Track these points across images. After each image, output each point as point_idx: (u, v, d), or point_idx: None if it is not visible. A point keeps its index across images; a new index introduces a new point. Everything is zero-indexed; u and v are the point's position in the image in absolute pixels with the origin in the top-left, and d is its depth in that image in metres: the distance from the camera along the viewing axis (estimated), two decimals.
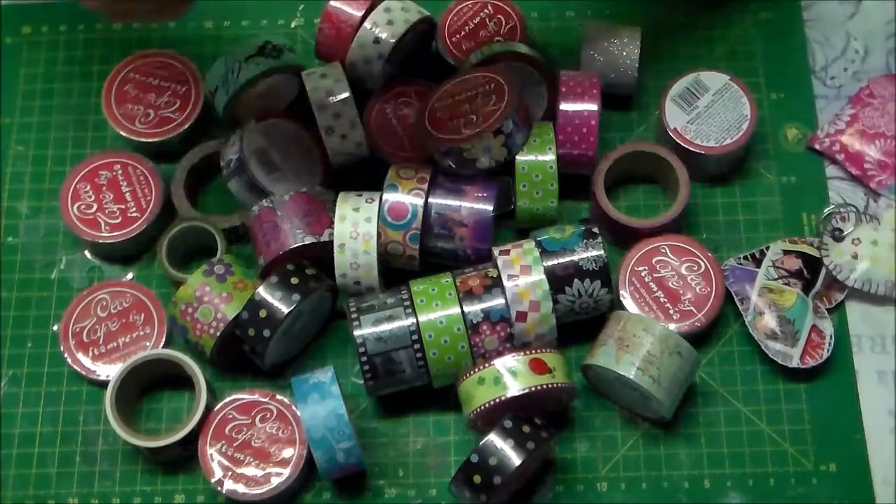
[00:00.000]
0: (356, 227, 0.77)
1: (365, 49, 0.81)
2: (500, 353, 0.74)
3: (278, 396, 0.77)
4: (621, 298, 0.79)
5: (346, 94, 0.79)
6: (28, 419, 0.80)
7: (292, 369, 0.80)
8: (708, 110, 0.82)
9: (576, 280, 0.76)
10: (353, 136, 0.80)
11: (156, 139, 0.86)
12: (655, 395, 0.74)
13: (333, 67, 0.81)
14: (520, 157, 0.79)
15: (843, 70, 0.89)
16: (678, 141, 0.82)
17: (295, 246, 0.77)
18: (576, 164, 0.82)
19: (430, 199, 0.78)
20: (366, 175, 0.83)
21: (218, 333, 0.76)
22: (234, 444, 0.75)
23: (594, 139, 0.81)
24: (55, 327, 0.82)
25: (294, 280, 0.76)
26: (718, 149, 0.81)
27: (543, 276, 0.75)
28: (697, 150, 0.81)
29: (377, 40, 0.81)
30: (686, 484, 0.77)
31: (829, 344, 0.78)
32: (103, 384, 0.78)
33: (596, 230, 0.77)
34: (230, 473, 0.75)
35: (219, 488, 0.74)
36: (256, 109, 0.84)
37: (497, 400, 0.73)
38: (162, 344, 0.80)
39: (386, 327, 0.75)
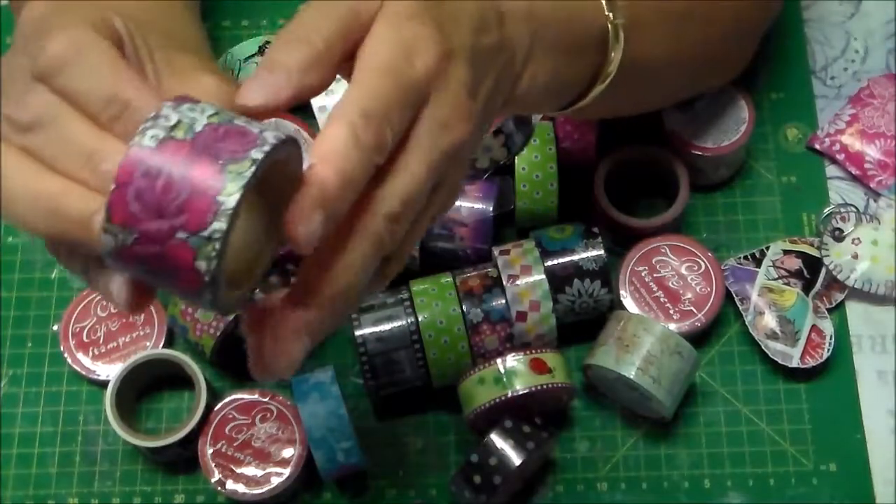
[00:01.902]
0: None
1: None
2: (500, 353, 0.74)
3: (278, 396, 0.77)
4: (621, 298, 0.79)
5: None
6: (28, 419, 0.80)
7: None
8: (706, 112, 0.82)
9: (576, 280, 0.76)
10: None
11: None
12: (655, 395, 0.74)
13: None
14: (520, 157, 0.79)
15: (843, 70, 0.89)
16: (676, 142, 0.82)
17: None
18: (576, 162, 0.82)
19: None
20: None
21: (218, 333, 0.76)
22: (234, 444, 0.75)
23: (593, 138, 0.81)
24: (55, 327, 0.82)
25: (294, 280, 0.76)
26: (715, 149, 0.81)
27: (543, 276, 0.75)
28: (695, 152, 0.81)
29: None
30: (686, 484, 0.77)
31: (829, 344, 0.78)
32: (103, 384, 0.78)
33: (596, 230, 0.77)
34: (230, 473, 0.75)
35: (219, 488, 0.74)
36: None
37: (497, 400, 0.73)
38: (162, 344, 0.80)
39: (386, 327, 0.75)
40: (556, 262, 0.76)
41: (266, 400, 0.77)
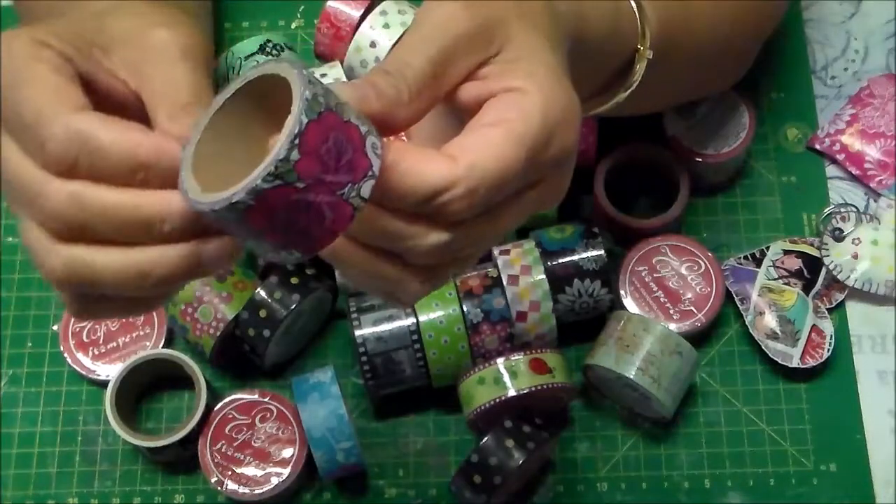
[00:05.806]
0: None
1: (361, 52, 0.81)
2: (500, 353, 0.74)
3: (278, 396, 0.77)
4: (621, 298, 0.79)
5: None
6: (28, 419, 0.80)
7: (292, 369, 0.80)
8: (707, 118, 0.82)
9: (576, 280, 0.76)
10: None
11: None
12: (655, 395, 0.74)
13: (333, 67, 0.81)
14: None
15: (843, 70, 0.89)
16: (677, 148, 0.82)
17: None
18: (576, 162, 0.81)
19: None
20: None
21: (218, 333, 0.76)
22: (234, 444, 0.75)
23: (594, 138, 0.81)
24: (55, 327, 0.82)
25: (294, 280, 0.76)
26: (716, 156, 0.81)
27: (544, 276, 0.75)
28: (696, 159, 0.81)
29: (373, 44, 0.81)
30: (686, 484, 0.77)
31: (830, 344, 0.78)
32: (103, 384, 0.78)
33: (596, 230, 0.77)
34: (230, 473, 0.74)
35: (219, 488, 0.74)
36: None
37: (497, 400, 0.73)
38: (162, 344, 0.80)
39: (386, 327, 0.75)
40: (556, 262, 0.76)
41: (266, 400, 0.77)
